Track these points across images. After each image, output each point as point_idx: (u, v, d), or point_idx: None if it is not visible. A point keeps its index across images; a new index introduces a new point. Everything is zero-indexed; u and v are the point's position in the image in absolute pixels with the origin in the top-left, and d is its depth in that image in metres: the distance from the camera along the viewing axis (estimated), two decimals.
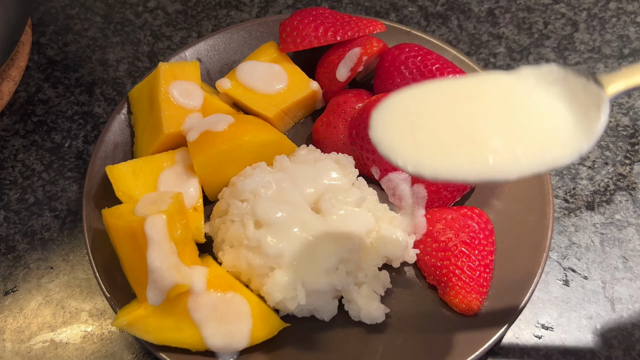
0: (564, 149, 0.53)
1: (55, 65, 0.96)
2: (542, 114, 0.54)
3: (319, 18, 0.83)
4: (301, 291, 0.67)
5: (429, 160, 0.53)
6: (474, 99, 0.55)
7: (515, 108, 0.55)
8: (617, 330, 0.75)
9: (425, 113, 0.55)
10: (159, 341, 0.67)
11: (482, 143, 0.53)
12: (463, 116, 0.54)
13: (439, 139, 0.53)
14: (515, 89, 0.56)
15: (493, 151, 0.52)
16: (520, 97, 0.55)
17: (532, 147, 0.52)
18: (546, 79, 0.56)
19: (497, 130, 0.53)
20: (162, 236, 0.63)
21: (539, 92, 0.56)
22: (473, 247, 0.72)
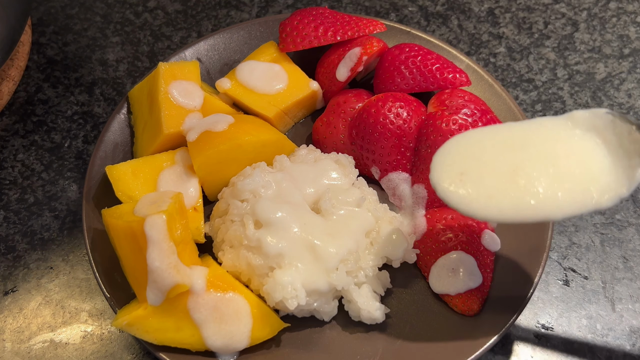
0: (605, 194, 0.57)
1: (55, 65, 0.96)
2: (585, 161, 0.59)
3: (319, 18, 0.83)
4: (301, 291, 0.67)
5: (477, 204, 0.59)
6: (521, 146, 0.60)
7: (559, 156, 0.59)
8: (617, 330, 0.75)
9: (475, 160, 0.61)
10: (159, 341, 0.67)
11: (525, 189, 0.58)
12: (509, 164, 0.59)
13: (486, 185, 0.59)
14: (560, 137, 0.60)
15: (535, 197, 0.58)
16: (564, 145, 0.60)
17: (573, 192, 0.57)
18: (595, 122, 0.60)
19: (540, 177, 0.58)
20: (162, 236, 0.63)
21: (584, 138, 0.60)
22: (473, 247, 0.72)
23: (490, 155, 0.60)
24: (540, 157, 0.59)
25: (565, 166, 0.58)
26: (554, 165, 0.59)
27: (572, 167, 0.58)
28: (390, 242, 0.72)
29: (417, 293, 0.74)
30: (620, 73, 0.94)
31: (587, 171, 0.58)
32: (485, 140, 0.62)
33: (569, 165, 0.58)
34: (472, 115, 0.74)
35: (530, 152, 0.60)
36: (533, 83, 0.93)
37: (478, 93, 0.82)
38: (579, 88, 0.93)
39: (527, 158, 0.59)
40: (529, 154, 0.60)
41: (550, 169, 0.58)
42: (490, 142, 0.61)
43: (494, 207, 0.58)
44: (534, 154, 0.60)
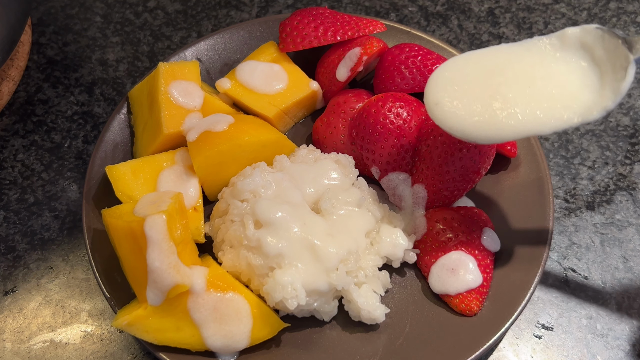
0: (591, 107, 0.61)
1: (55, 65, 0.96)
2: (565, 81, 0.63)
3: (319, 18, 0.83)
4: (301, 291, 0.67)
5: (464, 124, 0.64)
6: (502, 70, 0.65)
7: (537, 78, 0.64)
8: (617, 330, 0.75)
9: (464, 84, 0.66)
10: (159, 341, 0.67)
11: (502, 111, 0.63)
12: (489, 87, 0.65)
13: (471, 106, 0.65)
14: (541, 60, 0.65)
15: (514, 117, 0.63)
16: (544, 68, 0.64)
17: (553, 109, 0.62)
18: (584, 39, 0.64)
19: (517, 98, 0.63)
20: (162, 236, 0.63)
21: (566, 60, 0.64)
22: (473, 247, 0.72)
23: (473, 79, 0.66)
24: (519, 79, 0.64)
25: (543, 87, 0.63)
26: (531, 86, 0.63)
27: (550, 87, 0.63)
28: (390, 242, 0.72)
29: (417, 293, 0.74)
30: None
31: (566, 90, 0.63)
32: (470, 65, 0.67)
33: (546, 86, 0.63)
34: None
35: (509, 76, 0.64)
36: None
37: None
38: None
39: (505, 82, 0.64)
40: (507, 77, 0.64)
41: (527, 90, 0.63)
42: (473, 68, 0.66)
43: (481, 127, 0.64)
44: (512, 77, 0.64)
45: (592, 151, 0.87)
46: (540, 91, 0.63)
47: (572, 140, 0.88)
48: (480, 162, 0.74)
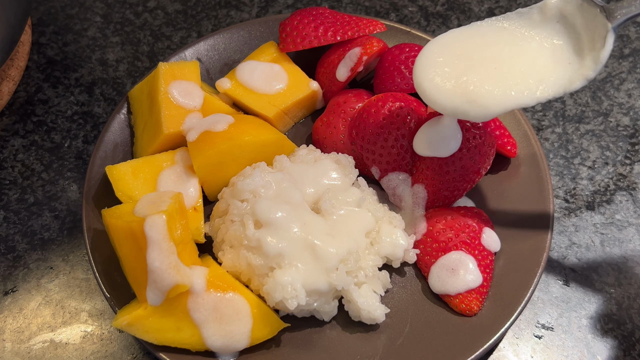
0: (572, 78, 0.63)
1: (55, 65, 0.96)
2: (536, 57, 0.65)
3: (319, 18, 0.83)
4: (301, 291, 0.67)
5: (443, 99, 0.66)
6: (481, 48, 0.67)
7: (514, 56, 0.66)
8: (617, 330, 0.75)
9: (444, 63, 0.67)
10: (159, 341, 0.67)
11: (479, 88, 0.65)
12: (477, 63, 0.66)
13: (449, 82, 0.66)
14: (515, 39, 0.67)
15: (489, 94, 0.64)
16: (514, 48, 0.66)
17: (531, 79, 0.64)
18: (564, 8, 0.65)
19: (490, 77, 0.65)
20: (162, 236, 0.63)
21: (549, 29, 0.66)
22: (473, 247, 0.72)
23: (461, 53, 0.67)
24: (496, 58, 0.66)
25: (524, 58, 0.65)
26: (507, 64, 0.65)
27: (531, 58, 0.65)
28: (390, 242, 0.72)
29: (417, 293, 0.74)
30: (620, 73, 0.94)
31: (543, 64, 0.64)
32: (451, 44, 0.68)
33: (529, 57, 0.65)
34: None
35: (486, 55, 0.66)
36: None
37: None
38: None
39: (481, 61, 0.66)
40: (484, 56, 0.66)
41: (504, 68, 0.65)
42: (461, 42, 0.68)
43: (459, 103, 0.65)
44: (489, 56, 0.66)
45: (592, 151, 0.87)
46: (518, 67, 0.65)
47: (572, 140, 0.88)
48: (480, 162, 0.74)
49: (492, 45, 0.67)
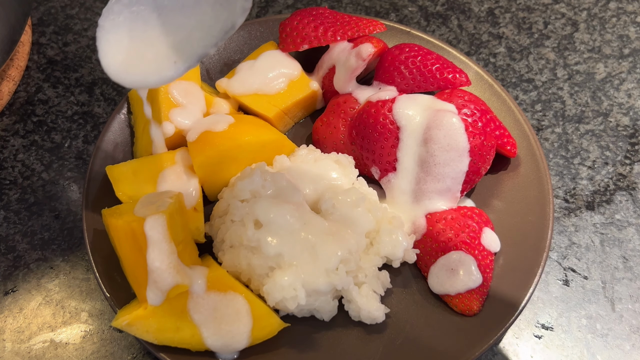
0: (231, 16, 0.57)
1: (55, 65, 0.96)
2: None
3: (319, 18, 0.83)
4: (301, 291, 0.67)
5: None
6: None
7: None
8: (617, 330, 0.75)
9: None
10: (159, 341, 0.67)
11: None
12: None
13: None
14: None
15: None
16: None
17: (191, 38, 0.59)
18: None
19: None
20: (162, 236, 0.63)
21: None
22: (473, 247, 0.72)
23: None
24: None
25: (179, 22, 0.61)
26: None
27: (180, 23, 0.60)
28: (390, 242, 0.72)
29: (417, 293, 0.74)
30: (620, 73, 0.94)
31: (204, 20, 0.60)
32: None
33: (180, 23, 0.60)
34: (472, 115, 0.74)
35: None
36: (533, 83, 0.93)
37: (478, 93, 0.82)
38: (578, 88, 0.93)
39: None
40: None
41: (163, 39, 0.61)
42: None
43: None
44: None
45: (592, 151, 0.87)
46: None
47: (572, 140, 0.88)
48: (480, 162, 0.74)
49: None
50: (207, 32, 0.59)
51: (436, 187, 0.74)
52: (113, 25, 0.62)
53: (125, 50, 0.62)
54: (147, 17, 0.62)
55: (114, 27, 0.62)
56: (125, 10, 0.62)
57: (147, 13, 0.62)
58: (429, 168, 0.73)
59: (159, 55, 0.61)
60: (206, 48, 0.58)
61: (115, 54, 0.62)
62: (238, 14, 0.57)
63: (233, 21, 0.57)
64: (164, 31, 0.62)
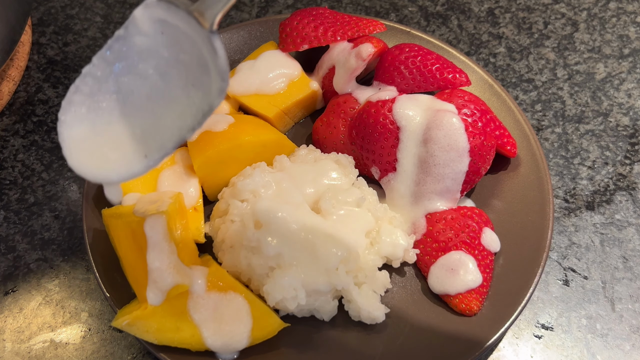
0: (207, 98, 0.52)
1: (55, 65, 0.96)
2: (178, 73, 0.54)
3: (319, 18, 0.83)
4: (301, 291, 0.67)
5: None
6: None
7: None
8: (617, 330, 0.75)
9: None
10: (159, 341, 0.67)
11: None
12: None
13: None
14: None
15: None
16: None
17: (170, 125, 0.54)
18: (156, 15, 0.53)
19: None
20: (162, 236, 0.63)
21: (161, 46, 0.55)
22: (473, 247, 0.72)
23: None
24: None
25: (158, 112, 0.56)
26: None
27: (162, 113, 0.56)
28: (390, 242, 0.72)
29: (417, 293, 0.74)
30: (620, 73, 0.94)
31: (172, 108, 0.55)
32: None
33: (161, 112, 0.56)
34: (472, 115, 0.74)
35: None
36: (533, 83, 0.93)
37: (478, 93, 0.82)
38: (578, 88, 0.93)
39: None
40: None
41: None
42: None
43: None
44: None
45: (592, 151, 0.87)
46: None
47: (572, 140, 0.88)
48: (480, 162, 0.74)
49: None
50: (181, 117, 0.54)
51: (436, 187, 0.74)
52: (75, 119, 0.56)
53: (90, 146, 0.56)
54: (111, 107, 0.57)
55: (77, 121, 0.56)
56: (87, 100, 0.57)
57: (111, 102, 0.57)
58: (429, 168, 0.73)
59: (128, 149, 0.56)
60: (182, 134, 0.53)
61: (80, 151, 0.56)
62: (214, 96, 0.51)
63: (210, 103, 0.52)
64: (131, 121, 0.56)
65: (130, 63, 0.56)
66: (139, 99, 0.56)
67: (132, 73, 0.56)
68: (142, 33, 0.54)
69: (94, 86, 0.57)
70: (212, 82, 0.51)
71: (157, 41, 0.54)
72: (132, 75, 0.56)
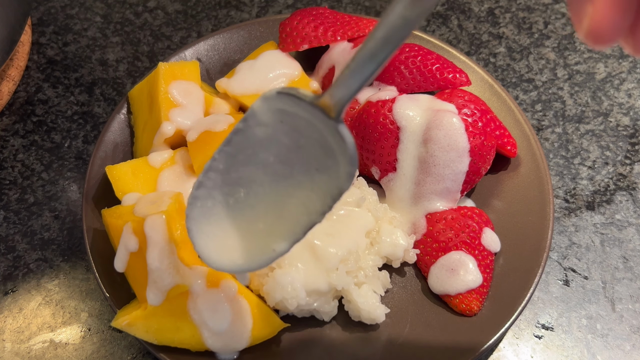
0: (337, 183, 0.52)
1: (55, 65, 0.96)
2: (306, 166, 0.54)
3: (319, 18, 0.83)
4: (301, 291, 0.67)
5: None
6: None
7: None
8: (617, 330, 0.75)
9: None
10: (159, 341, 0.67)
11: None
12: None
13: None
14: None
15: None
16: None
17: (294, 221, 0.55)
18: (277, 106, 0.53)
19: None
20: (162, 236, 0.63)
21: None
22: (473, 247, 0.72)
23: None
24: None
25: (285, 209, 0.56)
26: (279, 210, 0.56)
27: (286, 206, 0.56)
28: (390, 242, 0.72)
29: (417, 293, 0.74)
30: (620, 73, 0.94)
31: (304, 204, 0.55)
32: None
33: (285, 207, 0.56)
34: (472, 115, 0.74)
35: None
36: (533, 83, 0.93)
37: (478, 93, 0.82)
38: (579, 88, 0.93)
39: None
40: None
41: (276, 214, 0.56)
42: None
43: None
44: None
45: (592, 151, 0.87)
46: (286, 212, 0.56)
47: (572, 140, 0.88)
48: (480, 162, 0.74)
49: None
50: (307, 202, 0.54)
51: (436, 187, 0.74)
52: (202, 214, 0.57)
53: (219, 238, 0.58)
54: (235, 199, 0.57)
55: (203, 216, 0.57)
56: (212, 193, 0.57)
57: (235, 194, 0.57)
58: (429, 168, 0.73)
59: (256, 239, 0.56)
60: (311, 219, 0.54)
61: (211, 244, 0.58)
62: (343, 180, 0.51)
63: (339, 187, 0.51)
64: (256, 211, 0.56)
65: (250, 153, 0.56)
66: (262, 188, 0.56)
67: (252, 163, 0.56)
68: (262, 124, 0.54)
69: (217, 179, 0.57)
70: (340, 166, 0.51)
71: (276, 129, 0.54)
72: (252, 165, 0.56)
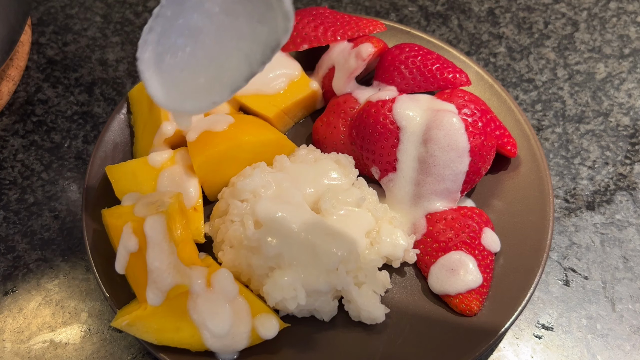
0: (274, 36, 0.55)
1: (54, 65, 0.96)
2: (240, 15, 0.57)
3: (319, 18, 0.83)
4: (301, 291, 0.67)
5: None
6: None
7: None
8: (617, 330, 0.75)
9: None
10: (159, 341, 0.67)
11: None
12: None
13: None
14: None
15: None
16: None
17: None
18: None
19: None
20: (162, 236, 0.63)
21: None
22: (473, 247, 0.72)
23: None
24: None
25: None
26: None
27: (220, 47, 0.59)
28: (390, 242, 0.72)
29: (417, 293, 0.74)
30: (620, 73, 0.94)
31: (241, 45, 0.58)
32: None
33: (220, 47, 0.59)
34: (472, 115, 0.74)
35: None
36: (533, 83, 0.93)
37: (478, 93, 0.82)
38: (579, 88, 0.93)
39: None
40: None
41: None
42: None
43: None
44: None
45: (592, 151, 0.87)
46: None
47: (572, 140, 0.88)
48: (480, 162, 0.74)
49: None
50: (249, 52, 0.57)
51: (436, 188, 0.74)
52: (152, 57, 0.61)
53: (169, 81, 0.60)
54: (184, 43, 0.60)
55: (153, 58, 0.61)
56: (162, 38, 0.60)
57: (184, 39, 0.60)
58: (429, 168, 0.73)
59: (202, 84, 0.59)
60: (252, 69, 0.57)
61: (160, 86, 0.61)
62: (281, 33, 0.55)
63: (277, 39, 0.55)
64: (203, 58, 0.59)
65: (196, 1, 0.58)
66: (208, 37, 0.59)
67: (198, 12, 0.59)
68: None
69: (165, 25, 0.59)
70: (278, 19, 0.54)
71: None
72: (199, 13, 0.59)
